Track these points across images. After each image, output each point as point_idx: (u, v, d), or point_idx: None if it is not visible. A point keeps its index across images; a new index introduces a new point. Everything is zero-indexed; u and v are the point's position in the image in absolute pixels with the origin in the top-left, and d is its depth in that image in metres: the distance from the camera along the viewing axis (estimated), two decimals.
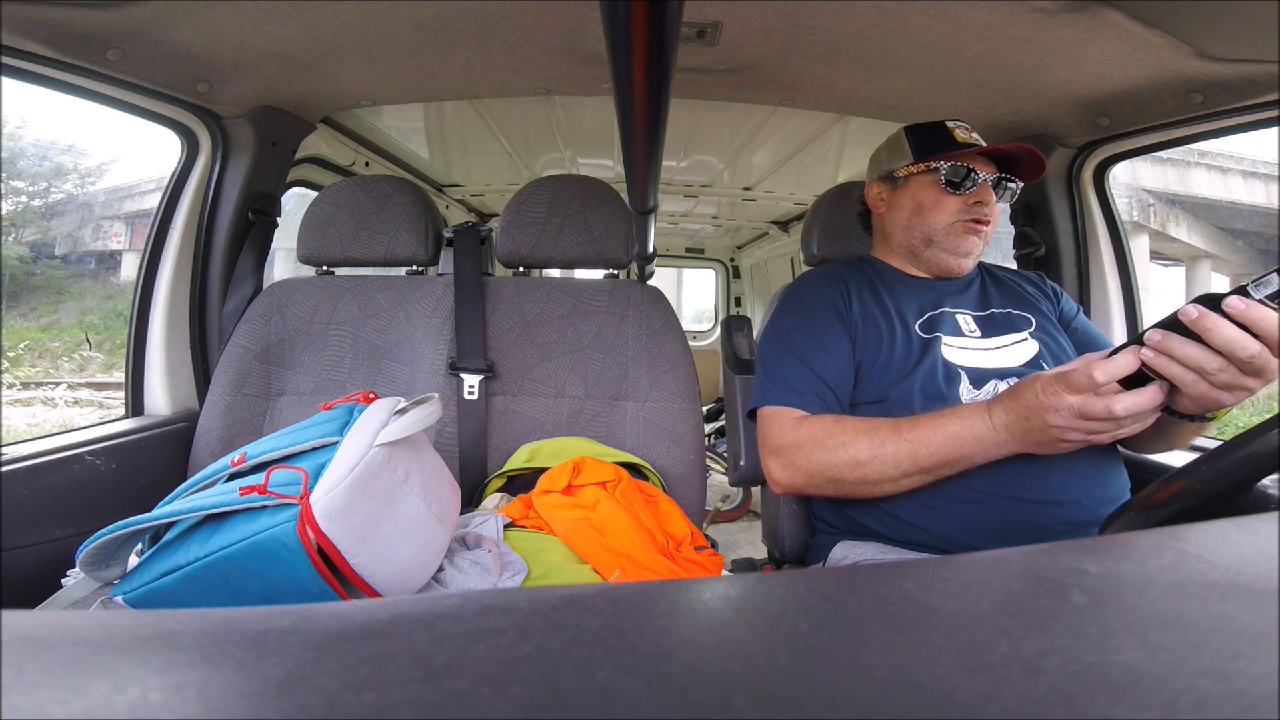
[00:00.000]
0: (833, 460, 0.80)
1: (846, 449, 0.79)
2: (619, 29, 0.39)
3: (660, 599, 0.20)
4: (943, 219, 0.93)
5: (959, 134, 0.94)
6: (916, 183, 0.96)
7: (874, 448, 0.78)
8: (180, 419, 1.18)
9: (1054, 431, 0.67)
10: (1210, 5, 0.82)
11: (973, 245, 0.94)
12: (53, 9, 0.86)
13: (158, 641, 0.17)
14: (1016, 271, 1.06)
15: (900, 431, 0.77)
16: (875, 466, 0.78)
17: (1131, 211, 4.42)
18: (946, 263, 0.95)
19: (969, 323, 0.93)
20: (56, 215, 5.23)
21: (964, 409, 0.75)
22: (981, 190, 0.92)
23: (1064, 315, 0.99)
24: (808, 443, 0.82)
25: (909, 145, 0.97)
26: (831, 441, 0.80)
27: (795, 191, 2.44)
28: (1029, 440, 0.71)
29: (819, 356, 0.90)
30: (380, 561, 0.68)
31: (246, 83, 1.15)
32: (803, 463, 0.82)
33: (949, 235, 0.94)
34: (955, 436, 0.75)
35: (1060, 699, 0.14)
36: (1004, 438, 0.72)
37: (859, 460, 0.79)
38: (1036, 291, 1.01)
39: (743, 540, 2.66)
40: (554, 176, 1.23)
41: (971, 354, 0.88)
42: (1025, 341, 0.90)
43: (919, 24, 0.97)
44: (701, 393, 1.21)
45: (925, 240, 0.95)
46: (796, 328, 0.93)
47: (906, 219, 0.97)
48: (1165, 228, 4.76)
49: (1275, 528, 0.25)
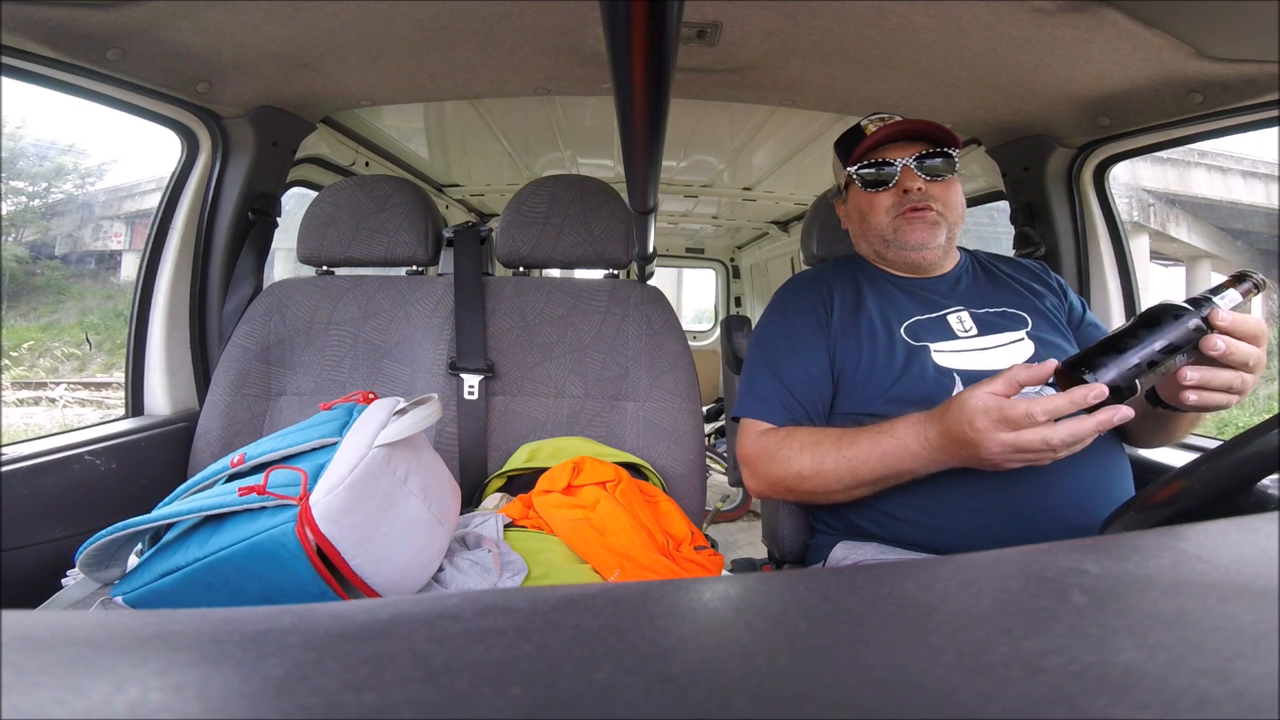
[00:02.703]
0: (782, 473, 0.83)
1: (791, 464, 0.82)
2: (619, 29, 0.39)
3: (660, 599, 0.20)
4: (882, 219, 0.92)
5: (869, 128, 0.91)
6: (852, 193, 0.96)
7: (815, 463, 0.80)
8: (180, 419, 1.18)
9: (989, 461, 0.67)
10: (1210, 5, 0.82)
11: (923, 234, 0.90)
12: (53, 9, 0.85)
13: (158, 641, 0.17)
14: (1013, 261, 1.02)
15: (840, 448, 0.79)
16: (819, 481, 0.80)
17: (1131, 211, 4.42)
18: (910, 258, 0.92)
19: (964, 320, 0.89)
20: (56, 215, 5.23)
21: (900, 425, 0.75)
22: (904, 177, 0.89)
23: (1073, 314, 0.95)
24: (763, 455, 0.85)
25: (838, 157, 0.97)
26: (780, 455, 0.83)
27: (795, 191, 2.44)
28: (966, 462, 0.71)
29: (791, 367, 0.90)
30: (380, 563, 0.68)
31: (246, 83, 1.15)
32: (761, 473, 0.86)
33: (896, 232, 0.91)
34: (890, 455, 0.75)
35: (1060, 699, 0.14)
36: (940, 457, 0.72)
37: (803, 475, 0.81)
38: (1039, 286, 0.96)
39: (743, 540, 2.66)
40: (554, 176, 1.23)
41: (965, 355, 0.86)
42: (1020, 342, 0.87)
43: (919, 24, 0.97)
44: (701, 393, 1.21)
45: (882, 243, 0.93)
46: (774, 336, 0.95)
47: (859, 229, 0.97)
48: (1165, 228, 4.76)
49: (1275, 528, 0.25)
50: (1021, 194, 1.35)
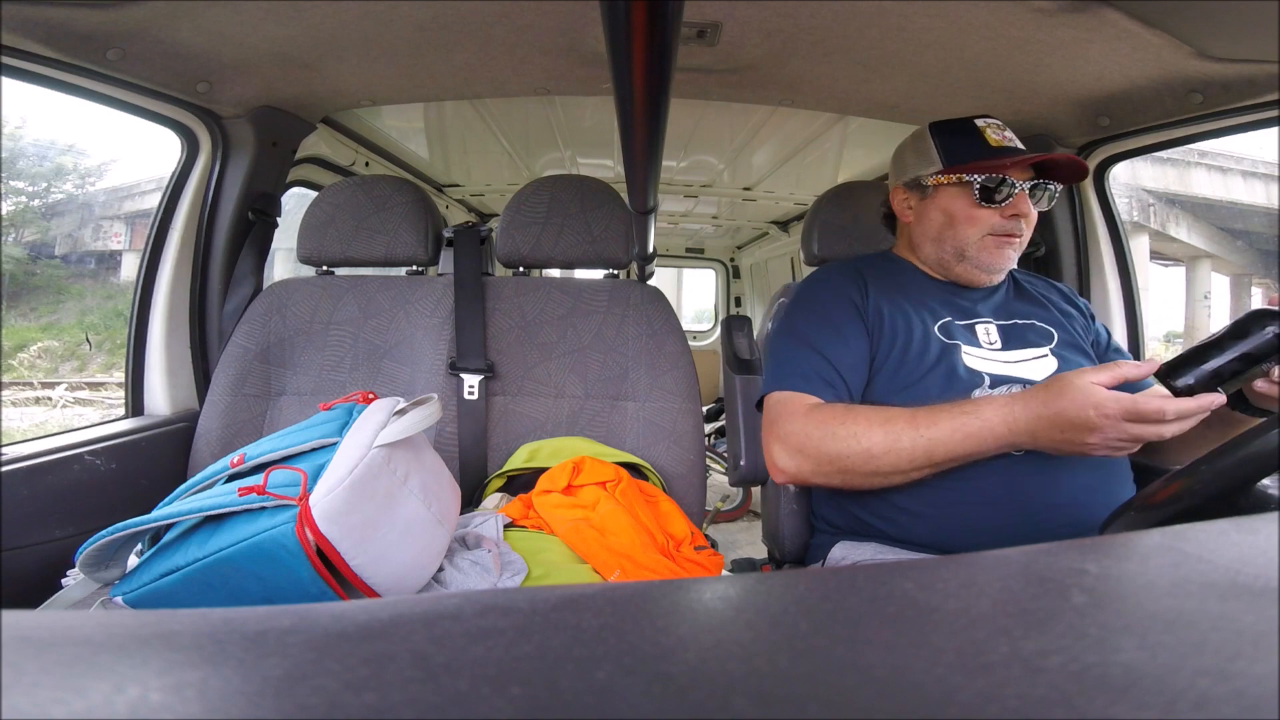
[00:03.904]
0: (844, 450, 0.77)
1: (860, 440, 0.76)
2: (619, 29, 0.39)
3: (660, 599, 0.20)
4: (975, 233, 0.87)
5: (991, 136, 0.86)
6: (947, 193, 0.89)
7: (889, 441, 0.75)
8: (180, 419, 1.18)
9: (1090, 446, 0.67)
10: (1210, 5, 0.82)
11: (1007, 260, 0.88)
12: (53, 9, 0.85)
13: (158, 641, 0.17)
14: (1046, 281, 1.01)
15: (917, 426, 0.75)
16: (889, 460, 0.75)
17: (1131, 211, 4.42)
18: (978, 278, 0.90)
19: (990, 333, 0.89)
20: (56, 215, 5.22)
21: (985, 406, 0.73)
22: (1019, 201, 0.85)
23: (1099, 340, 0.95)
24: (818, 431, 0.79)
25: (936, 149, 0.89)
26: (844, 431, 0.77)
27: (795, 191, 2.44)
28: (1052, 446, 0.70)
29: (834, 345, 0.86)
30: (380, 563, 0.68)
31: (246, 83, 1.15)
32: (812, 451, 0.79)
33: (981, 250, 0.88)
34: (973, 437, 0.73)
35: (1060, 699, 0.14)
36: (1024, 440, 0.71)
37: (873, 453, 0.76)
38: (1068, 306, 0.96)
39: (743, 540, 2.66)
40: (554, 176, 1.23)
41: (989, 363, 0.86)
42: (1045, 358, 0.87)
43: (919, 24, 0.96)
44: (701, 393, 1.21)
45: (957, 255, 0.89)
46: (811, 319, 0.90)
47: (937, 232, 0.91)
48: (1165, 228, 4.76)
49: (1275, 528, 0.25)
50: None
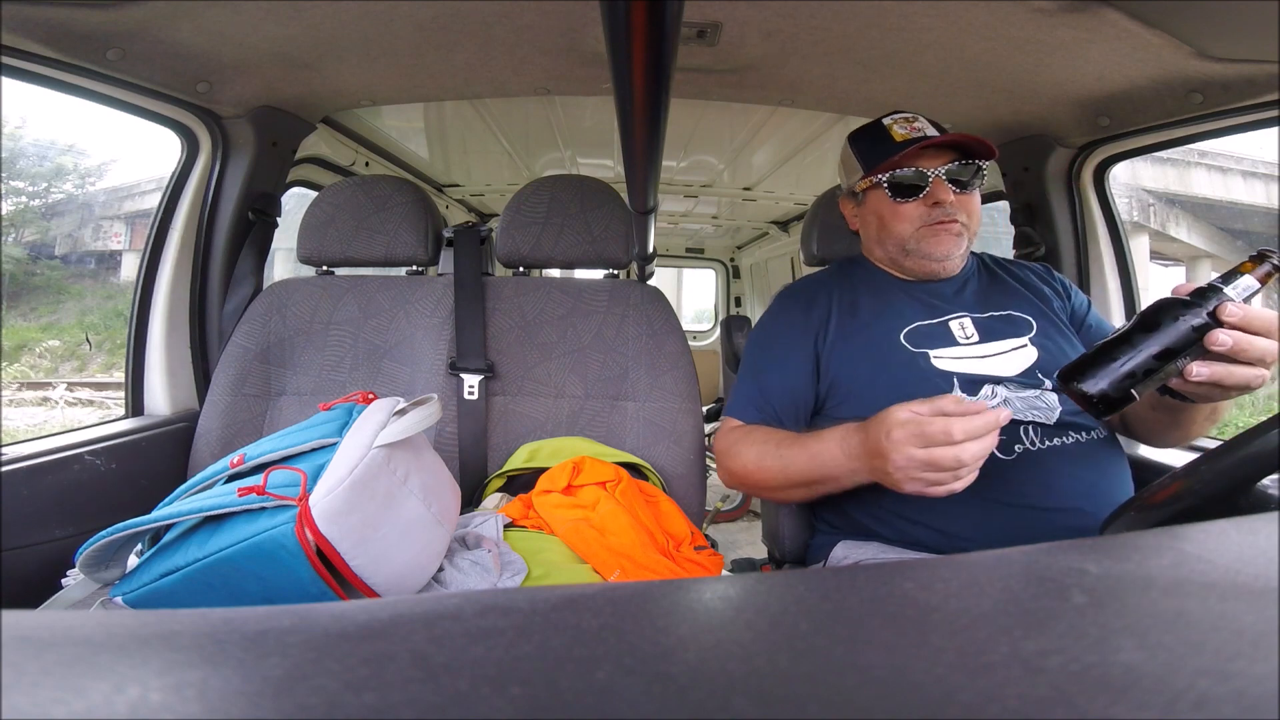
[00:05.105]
0: (734, 466, 0.88)
1: (740, 458, 0.86)
2: (619, 29, 0.39)
3: (660, 599, 0.20)
4: (908, 228, 0.89)
5: (897, 131, 0.87)
6: (872, 197, 0.92)
7: (757, 459, 0.84)
8: (180, 419, 1.18)
9: (892, 476, 0.66)
10: (1210, 5, 0.82)
11: (949, 245, 0.88)
12: (53, 9, 0.85)
13: (158, 641, 0.17)
14: (1020, 264, 1.00)
15: (781, 447, 0.82)
16: (760, 476, 0.84)
17: (1131, 211, 4.42)
18: (930, 268, 0.90)
19: (966, 327, 0.88)
20: (56, 215, 5.23)
21: (832, 431, 0.76)
22: (935, 189, 0.85)
23: (1076, 313, 0.94)
24: (725, 449, 0.90)
25: (855, 157, 0.93)
26: (735, 450, 0.88)
27: (795, 191, 2.44)
28: (875, 474, 0.70)
29: (769, 371, 0.93)
30: (379, 563, 0.68)
31: (246, 83, 1.15)
32: (723, 465, 0.91)
33: (921, 242, 0.88)
34: (816, 458, 0.77)
35: (1060, 699, 0.14)
36: (856, 465, 0.72)
37: (748, 469, 0.85)
38: (1044, 287, 0.95)
39: (743, 540, 2.66)
40: (554, 176, 1.23)
41: (965, 361, 0.85)
42: (1024, 348, 0.86)
43: (919, 24, 0.96)
44: (701, 393, 1.21)
45: (901, 251, 0.91)
46: (761, 341, 0.97)
47: (876, 234, 0.94)
48: (1165, 228, 4.76)
49: (1275, 528, 0.25)
50: (1021, 194, 1.35)
